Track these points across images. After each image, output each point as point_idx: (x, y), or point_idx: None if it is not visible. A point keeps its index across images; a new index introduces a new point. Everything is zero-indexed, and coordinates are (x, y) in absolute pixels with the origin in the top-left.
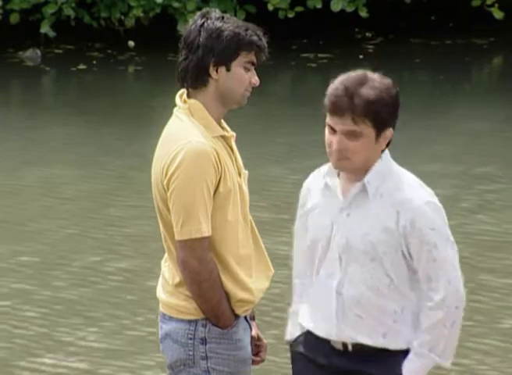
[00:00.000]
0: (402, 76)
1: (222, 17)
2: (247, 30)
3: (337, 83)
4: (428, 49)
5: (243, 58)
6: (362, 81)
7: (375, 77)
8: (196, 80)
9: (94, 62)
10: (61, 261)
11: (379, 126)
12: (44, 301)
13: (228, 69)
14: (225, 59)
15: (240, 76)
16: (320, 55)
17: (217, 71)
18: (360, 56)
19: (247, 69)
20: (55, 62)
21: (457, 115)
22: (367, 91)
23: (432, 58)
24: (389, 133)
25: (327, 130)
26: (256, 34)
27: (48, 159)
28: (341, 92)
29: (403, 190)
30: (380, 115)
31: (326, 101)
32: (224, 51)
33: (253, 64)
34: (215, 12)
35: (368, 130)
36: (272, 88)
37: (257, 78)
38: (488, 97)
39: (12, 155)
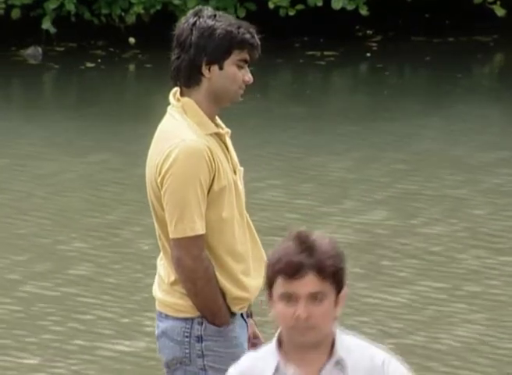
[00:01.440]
0: (413, 73)
1: (215, 15)
2: (239, 28)
3: (286, 243)
4: (433, 47)
5: (236, 56)
6: (313, 237)
7: (319, 233)
8: (189, 79)
9: (99, 60)
10: (116, 248)
11: (339, 285)
12: (105, 288)
13: (221, 68)
14: (218, 58)
15: (233, 75)
16: (326, 53)
17: (209, 70)
18: (368, 54)
19: (240, 67)
20: (59, 59)
21: (475, 110)
22: (325, 245)
23: (442, 55)
24: (344, 293)
25: (280, 303)
26: (249, 32)
27: (74, 152)
28: (296, 249)
29: (371, 355)
30: (341, 271)
31: (277, 265)
32: (216, 49)
33: (246, 62)
34: (208, 10)
35: (330, 290)
36: (282, 86)
37: (250, 75)
38: (498, 93)
39: (36, 147)
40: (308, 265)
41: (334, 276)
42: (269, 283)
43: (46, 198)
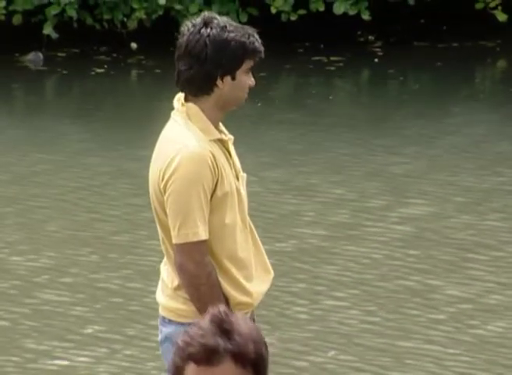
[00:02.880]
0: (428, 78)
1: (225, 26)
2: (249, 37)
3: (200, 324)
4: (440, 52)
5: (247, 65)
6: (232, 318)
7: (239, 315)
8: (201, 89)
9: (106, 66)
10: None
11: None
12: None
13: (233, 78)
14: (232, 69)
15: (243, 83)
16: (332, 59)
17: (223, 80)
18: (376, 60)
19: (247, 74)
20: (62, 65)
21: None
22: (246, 328)
23: (452, 60)
24: None
25: None
26: (257, 40)
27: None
28: (212, 331)
29: None
30: (263, 359)
31: (189, 349)
32: (231, 61)
33: (251, 68)
34: (217, 20)
35: None
36: (301, 91)
37: (253, 79)
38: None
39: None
40: (225, 350)
41: (255, 364)
42: (178, 371)
43: (101, 193)
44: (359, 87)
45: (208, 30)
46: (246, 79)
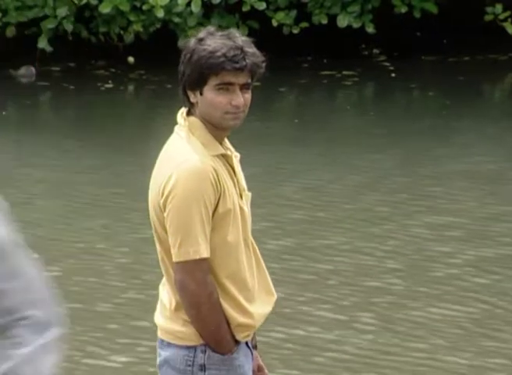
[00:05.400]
0: (456, 93)
1: (202, 38)
2: (214, 52)
3: None
4: (459, 66)
5: (214, 81)
6: None
7: None
8: (185, 102)
9: (110, 81)
10: None
11: None
12: None
13: (201, 94)
14: (196, 84)
15: (211, 101)
16: (345, 73)
17: (194, 95)
18: (393, 75)
19: (222, 91)
20: (58, 80)
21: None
22: None
23: (472, 75)
24: None
25: None
26: (225, 56)
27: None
28: None
29: None
30: None
31: None
32: (191, 76)
33: (231, 84)
34: (206, 31)
35: None
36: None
37: (239, 99)
38: None
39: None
40: None
41: None
42: None
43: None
44: (392, 100)
45: (192, 41)
46: (214, 97)
